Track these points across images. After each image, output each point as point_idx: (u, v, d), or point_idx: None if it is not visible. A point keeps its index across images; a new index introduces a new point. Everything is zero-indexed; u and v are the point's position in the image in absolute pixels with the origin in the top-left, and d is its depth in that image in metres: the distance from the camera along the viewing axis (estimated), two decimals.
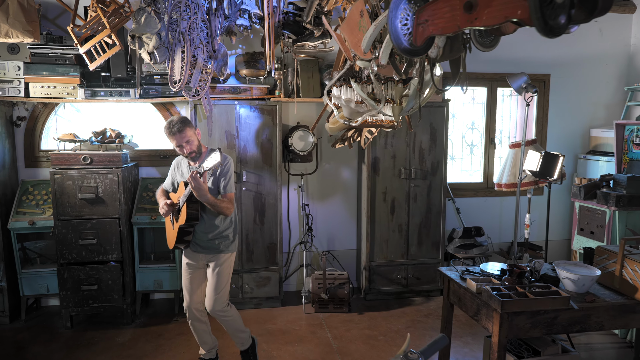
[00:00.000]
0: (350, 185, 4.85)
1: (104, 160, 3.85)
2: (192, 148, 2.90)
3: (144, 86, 4.01)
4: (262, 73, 4.21)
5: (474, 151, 5.32)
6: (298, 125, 4.40)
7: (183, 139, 2.86)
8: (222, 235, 3.01)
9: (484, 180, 5.19)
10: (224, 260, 3.04)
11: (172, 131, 2.85)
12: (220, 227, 3.00)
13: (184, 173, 3.06)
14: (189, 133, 2.87)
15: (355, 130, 2.74)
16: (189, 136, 2.87)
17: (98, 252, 3.87)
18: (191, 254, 3.06)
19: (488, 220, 5.14)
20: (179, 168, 3.13)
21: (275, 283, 4.38)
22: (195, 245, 3.01)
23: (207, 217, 2.96)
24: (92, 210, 3.85)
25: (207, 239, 2.98)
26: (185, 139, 2.86)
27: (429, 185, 4.55)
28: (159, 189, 3.22)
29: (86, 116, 4.45)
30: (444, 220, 4.60)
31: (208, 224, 2.96)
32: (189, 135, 2.87)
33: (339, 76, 2.29)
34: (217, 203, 2.83)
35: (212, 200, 2.79)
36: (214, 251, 3.01)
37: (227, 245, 3.04)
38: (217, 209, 2.85)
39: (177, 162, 3.16)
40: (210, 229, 2.97)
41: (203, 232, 2.97)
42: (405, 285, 4.62)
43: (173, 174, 3.17)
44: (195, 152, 2.92)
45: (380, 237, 4.53)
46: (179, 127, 2.84)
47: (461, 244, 4.53)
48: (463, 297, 2.73)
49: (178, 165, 3.14)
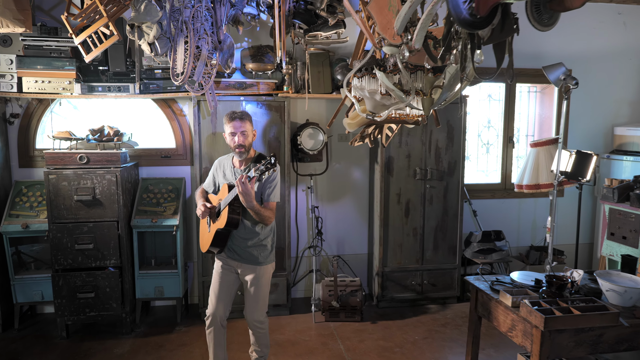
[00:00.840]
0: (362, 186, 4.60)
1: (101, 159, 3.61)
2: (244, 142, 2.75)
3: (144, 81, 3.77)
4: (270, 67, 3.97)
5: (490, 150, 5.07)
6: (307, 123, 4.15)
7: (240, 128, 2.73)
8: (261, 244, 2.82)
9: (502, 180, 4.93)
10: (262, 272, 2.85)
11: (233, 116, 2.75)
12: (260, 234, 2.81)
13: (227, 174, 2.89)
14: (247, 125, 2.77)
15: (375, 126, 2.49)
16: (247, 128, 2.76)
17: (95, 258, 3.63)
18: (225, 259, 2.88)
19: (505, 223, 4.89)
20: (222, 169, 2.95)
21: (283, 290, 4.13)
22: (232, 251, 2.83)
23: (247, 223, 2.77)
24: (88, 213, 3.60)
25: (245, 245, 2.79)
26: (242, 128, 2.74)
27: (446, 187, 4.30)
28: (199, 189, 3.08)
29: (84, 113, 4.21)
30: (461, 223, 4.35)
31: (248, 230, 2.78)
32: (247, 127, 2.76)
33: (361, 65, 2.04)
34: (262, 211, 2.66)
35: (257, 207, 2.63)
36: (251, 262, 2.82)
37: (266, 256, 2.85)
38: (259, 217, 2.68)
39: (219, 162, 3.00)
40: (250, 235, 2.78)
41: (242, 238, 2.78)
42: (420, 292, 4.37)
43: (215, 174, 3.00)
44: (244, 147, 2.76)
45: (394, 241, 4.28)
46: (242, 115, 2.76)
47: (480, 248, 4.27)
48: (494, 310, 2.47)
49: (221, 166, 2.97)
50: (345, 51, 4.31)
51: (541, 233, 4.99)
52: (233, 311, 3.05)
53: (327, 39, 3.27)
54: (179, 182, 4.10)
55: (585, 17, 4.75)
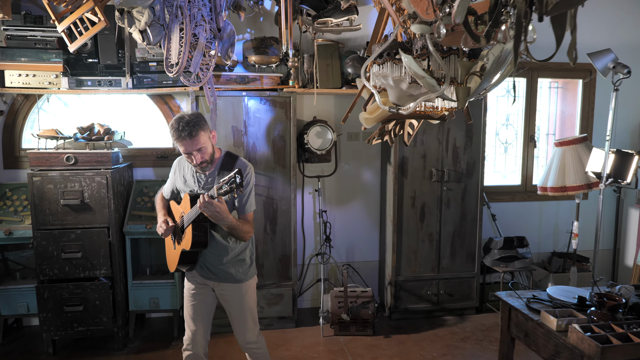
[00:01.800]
0: (372, 188, 4.29)
1: (90, 160, 3.31)
2: (205, 157, 2.26)
3: (138, 74, 3.47)
4: (274, 60, 3.66)
5: (509, 150, 4.74)
6: (315, 120, 3.84)
7: (194, 146, 2.19)
8: (238, 259, 2.42)
9: (522, 182, 4.61)
10: (245, 290, 2.45)
11: (180, 135, 2.16)
12: (235, 249, 2.40)
13: (188, 180, 2.43)
14: (202, 138, 2.20)
15: (396, 122, 2.18)
16: (203, 142, 2.21)
17: (84, 268, 3.33)
18: (198, 278, 2.46)
19: (526, 228, 4.56)
20: (182, 172, 2.48)
21: (289, 301, 3.82)
22: (205, 269, 2.42)
23: (219, 238, 2.36)
24: (76, 219, 3.30)
25: (220, 263, 2.38)
26: (197, 145, 2.19)
27: (464, 189, 3.98)
28: (158, 195, 2.64)
29: (74, 110, 3.91)
30: (480, 228, 4.03)
31: (220, 245, 2.37)
32: (202, 141, 2.20)
33: (383, 48, 1.73)
34: (239, 226, 2.25)
35: (234, 223, 2.21)
36: (230, 280, 2.42)
37: (245, 271, 2.45)
38: (236, 234, 2.28)
39: (179, 163, 2.53)
40: (223, 251, 2.37)
41: (215, 255, 2.38)
42: (435, 303, 4.05)
43: (174, 179, 2.54)
44: (207, 161, 2.28)
45: (408, 247, 3.96)
46: (190, 132, 2.15)
47: (501, 256, 3.95)
48: (532, 333, 2.16)
49: (181, 168, 2.50)
50: (356, 43, 4.00)
51: (564, 238, 4.66)
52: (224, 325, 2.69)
53: (338, 26, 2.96)
54: None
55: (609, 8, 4.42)
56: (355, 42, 4.01)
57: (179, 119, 2.21)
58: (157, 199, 2.62)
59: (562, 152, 3.77)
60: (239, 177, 1.97)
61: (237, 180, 1.97)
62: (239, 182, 1.97)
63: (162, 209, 2.55)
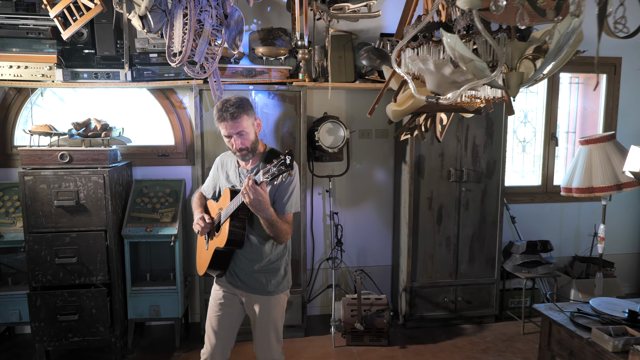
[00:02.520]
0: (385, 189, 4.06)
1: (86, 158, 3.08)
2: (245, 143, 2.11)
3: (138, 67, 3.23)
4: (283, 52, 3.43)
5: (527, 148, 4.51)
6: (326, 117, 3.61)
7: (235, 128, 2.06)
8: (272, 267, 2.21)
9: (543, 183, 4.37)
10: (274, 304, 2.23)
11: (222, 115, 2.06)
12: (270, 255, 2.20)
13: (231, 176, 2.27)
14: (245, 122, 2.07)
15: (427, 115, 1.94)
16: (245, 126, 2.08)
17: (79, 274, 3.10)
18: (226, 286, 2.26)
19: (546, 231, 4.34)
20: (224, 169, 2.33)
21: (298, 308, 3.59)
22: (234, 276, 2.21)
23: (255, 239, 2.17)
24: (71, 221, 3.07)
25: (251, 269, 2.18)
26: (238, 128, 2.06)
27: (484, 190, 3.74)
28: (196, 194, 2.46)
29: (71, 106, 3.68)
30: (500, 231, 3.80)
31: (255, 249, 2.17)
32: (244, 124, 2.07)
33: (420, 27, 1.50)
34: (278, 223, 2.06)
35: (273, 216, 2.03)
36: (259, 291, 2.20)
37: (278, 282, 2.23)
38: (274, 231, 2.07)
39: (222, 161, 2.37)
40: (257, 255, 2.17)
41: (248, 259, 2.18)
42: (453, 311, 3.81)
43: (215, 176, 2.38)
44: (248, 149, 2.12)
45: (424, 252, 3.73)
46: (234, 112, 2.04)
47: (523, 261, 3.72)
48: (580, 352, 1.92)
49: (223, 166, 2.34)
50: (369, 35, 3.78)
51: (585, 242, 4.43)
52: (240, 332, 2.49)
53: (356, 12, 2.73)
54: (178, 185, 3.56)
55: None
56: (368, 33, 3.79)
57: (224, 101, 2.10)
58: (195, 197, 2.46)
59: (589, 151, 3.54)
60: (289, 158, 1.79)
61: (286, 161, 1.79)
62: (289, 164, 1.79)
63: (198, 207, 2.37)
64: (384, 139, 3.99)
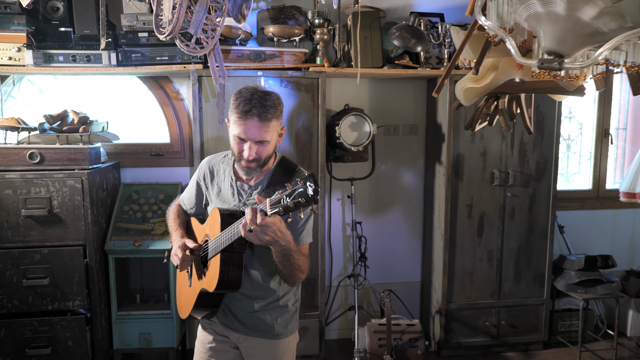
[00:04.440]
0: (414, 194, 3.51)
1: (61, 157, 2.54)
2: (261, 154, 1.53)
3: (124, 48, 2.70)
4: (298, 32, 2.89)
5: (572, 147, 3.94)
6: (348, 109, 3.07)
7: (260, 134, 1.48)
8: (277, 305, 1.65)
9: (594, 186, 3.81)
10: (283, 350, 1.67)
11: (248, 110, 1.46)
12: (277, 290, 1.64)
13: (224, 190, 1.67)
14: (272, 129, 1.50)
15: (511, 97, 1.40)
16: (270, 134, 1.50)
17: (52, 298, 2.56)
18: (217, 326, 1.70)
19: (597, 241, 3.78)
20: (214, 179, 1.72)
21: (315, 335, 3.04)
22: (229, 316, 1.65)
23: (257, 274, 1.61)
24: (43, 235, 2.54)
25: (251, 309, 1.62)
26: (264, 134, 1.48)
27: (532, 195, 3.19)
28: (173, 207, 1.86)
29: (52, 97, 3.16)
30: (551, 243, 3.25)
31: (257, 286, 1.61)
32: (271, 132, 1.50)
33: None
34: (295, 255, 1.46)
35: (291, 246, 1.43)
36: (262, 334, 1.64)
37: (286, 322, 1.67)
38: (287, 266, 1.48)
39: (209, 166, 1.74)
40: (258, 293, 1.62)
41: (247, 297, 1.62)
42: (495, 336, 3.26)
43: (201, 184, 1.76)
44: (258, 162, 1.54)
45: (462, 268, 3.18)
46: (265, 112, 1.46)
47: (580, 279, 3.15)
48: None
49: (213, 173, 1.72)
50: (396, 15, 3.23)
51: None
52: None
53: None
54: (173, 189, 3.02)
55: None
56: (395, 13, 3.24)
57: (252, 90, 1.51)
58: (172, 211, 1.85)
59: None
60: (311, 186, 1.18)
61: (308, 190, 1.19)
62: (312, 195, 1.18)
63: (178, 228, 1.76)
64: (412, 135, 3.44)
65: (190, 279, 1.67)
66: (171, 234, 1.76)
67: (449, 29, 2.95)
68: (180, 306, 1.79)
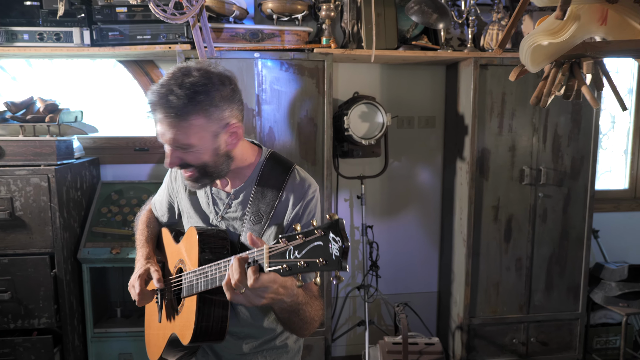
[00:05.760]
0: (430, 193, 3.13)
1: (24, 151, 2.19)
2: (190, 161, 1.13)
3: (100, 25, 2.33)
4: (301, 7, 2.52)
5: (602, 142, 3.56)
6: (358, 97, 2.70)
7: (168, 135, 1.10)
8: (274, 344, 1.27)
9: (630, 186, 3.42)
10: None
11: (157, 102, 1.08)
12: (275, 330, 1.27)
13: (199, 200, 1.31)
14: (194, 127, 1.08)
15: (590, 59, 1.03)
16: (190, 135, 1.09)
17: (15, 315, 2.20)
18: None
19: (632, 247, 3.39)
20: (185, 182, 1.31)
21: (320, 355, 2.67)
22: (211, 357, 1.29)
23: (246, 311, 1.25)
24: (3, 241, 2.18)
25: (238, 352, 1.25)
26: (173, 137, 1.09)
27: (566, 195, 2.81)
28: (142, 214, 1.53)
29: (26, 85, 2.81)
30: (588, 250, 2.86)
31: (245, 323, 1.25)
32: (191, 130, 1.09)
33: None
34: (307, 311, 1.09)
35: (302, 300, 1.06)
36: None
37: None
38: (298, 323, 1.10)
39: None
40: (250, 332, 1.26)
41: (234, 336, 1.26)
42: (523, 355, 2.88)
43: (171, 186, 1.43)
44: (197, 170, 1.15)
45: (487, 278, 2.80)
46: (171, 106, 1.06)
47: (623, 291, 2.77)
48: None
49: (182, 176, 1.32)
50: None
51: None
52: None
53: None
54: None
55: None
56: None
57: (176, 70, 1.12)
58: (140, 220, 1.50)
59: None
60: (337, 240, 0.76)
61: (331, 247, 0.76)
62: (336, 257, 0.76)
63: (144, 244, 1.38)
64: (430, 128, 3.06)
65: (160, 313, 1.29)
66: (137, 249, 1.38)
67: (473, 5, 2.57)
68: (149, 345, 1.42)
